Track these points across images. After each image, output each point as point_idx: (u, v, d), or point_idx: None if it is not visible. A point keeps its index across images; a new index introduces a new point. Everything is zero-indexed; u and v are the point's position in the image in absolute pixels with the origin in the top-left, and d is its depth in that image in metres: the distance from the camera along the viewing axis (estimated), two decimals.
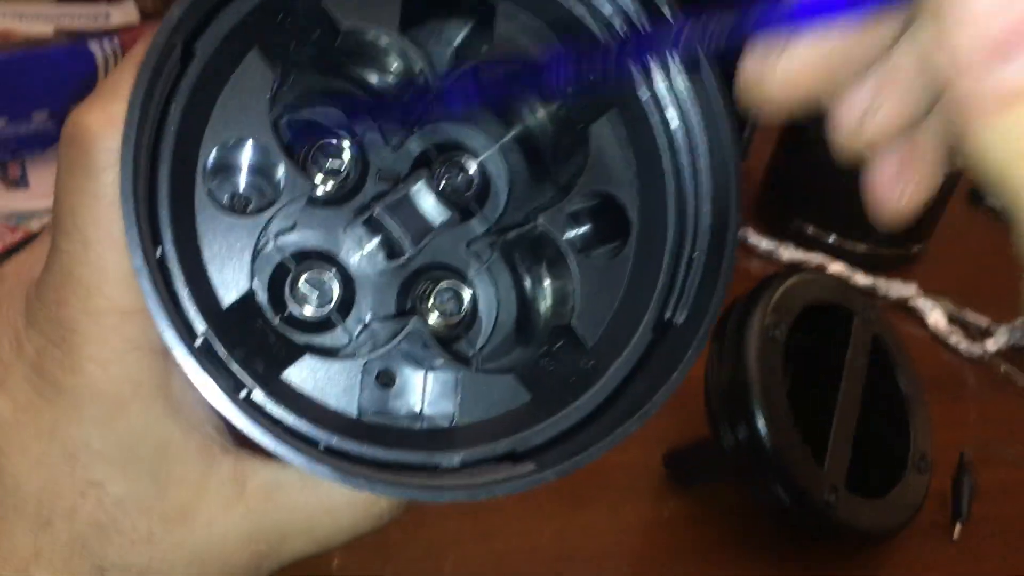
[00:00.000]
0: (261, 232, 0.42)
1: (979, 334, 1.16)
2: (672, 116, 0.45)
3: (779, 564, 0.88)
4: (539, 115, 0.48)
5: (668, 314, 0.44)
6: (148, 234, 0.38)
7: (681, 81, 0.45)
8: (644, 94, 0.45)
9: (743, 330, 0.83)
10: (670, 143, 0.45)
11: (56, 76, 1.04)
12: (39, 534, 0.42)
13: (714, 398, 0.83)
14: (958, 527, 0.93)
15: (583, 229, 0.48)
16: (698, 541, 0.88)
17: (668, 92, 0.45)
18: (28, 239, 0.99)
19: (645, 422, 0.41)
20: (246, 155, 0.44)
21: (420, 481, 0.40)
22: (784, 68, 0.32)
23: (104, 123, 0.38)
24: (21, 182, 1.08)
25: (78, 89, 0.41)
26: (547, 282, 0.49)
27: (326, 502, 0.44)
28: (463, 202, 0.48)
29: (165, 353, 0.41)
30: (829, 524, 0.81)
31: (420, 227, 0.45)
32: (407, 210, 0.45)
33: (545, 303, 0.49)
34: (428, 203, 0.45)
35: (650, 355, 0.44)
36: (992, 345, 1.14)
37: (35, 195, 1.05)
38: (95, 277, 0.40)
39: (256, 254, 0.43)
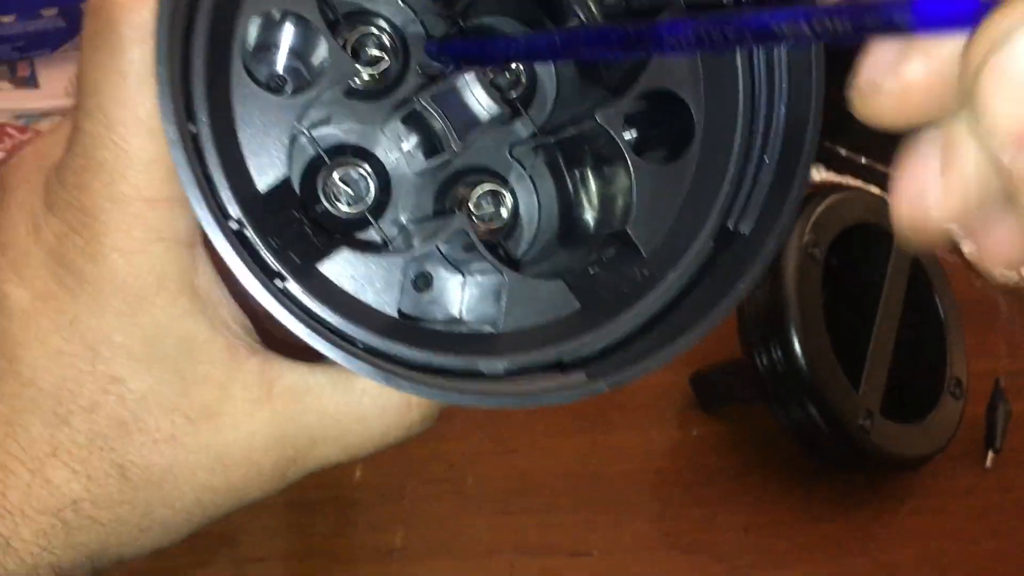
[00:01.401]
0: (301, 116, 0.39)
1: None
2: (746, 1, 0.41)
3: (807, 489, 0.86)
4: (593, 9, 0.45)
5: (732, 223, 0.42)
6: (182, 105, 0.35)
7: None
8: None
9: (781, 248, 0.80)
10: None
11: None
12: (57, 430, 0.40)
13: (749, 317, 0.81)
14: (991, 455, 0.91)
15: (641, 130, 0.45)
16: (725, 464, 0.87)
17: None
18: None
19: (708, 334, 0.39)
20: (287, 31, 0.41)
21: (464, 385, 0.38)
22: (904, 79, 0.27)
23: None
24: (30, 81, 1.05)
25: None
26: (593, 187, 0.46)
27: (356, 409, 0.42)
28: (508, 102, 0.45)
29: (191, 246, 0.39)
30: (863, 449, 0.79)
31: (467, 121, 0.42)
32: (454, 102, 0.42)
33: (591, 210, 0.46)
34: (477, 96, 0.42)
35: (711, 266, 0.42)
36: None
37: (45, 95, 1.03)
38: (119, 161, 0.37)
39: (293, 141, 0.40)
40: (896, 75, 0.27)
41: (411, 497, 0.78)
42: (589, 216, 0.46)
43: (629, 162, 0.42)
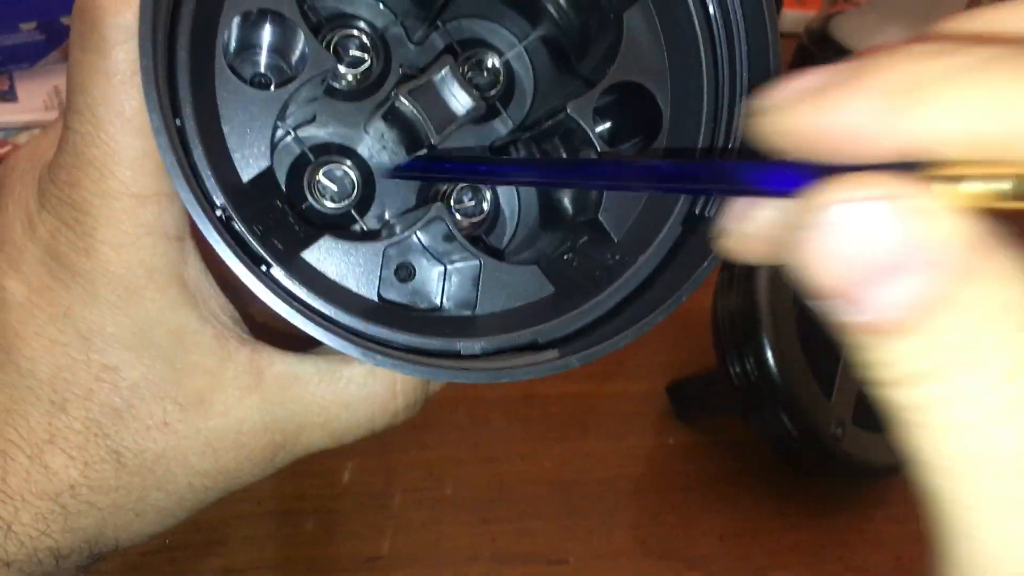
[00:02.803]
0: (282, 109, 0.41)
1: None
2: (710, 2, 0.43)
3: (782, 497, 0.87)
4: (563, 3, 0.47)
5: (698, 208, 0.43)
6: (167, 96, 0.36)
7: None
8: None
9: None
10: (708, 31, 0.43)
11: None
12: (54, 417, 0.41)
13: (723, 327, 0.82)
14: None
15: (614, 121, 0.47)
16: (701, 472, 0.88)
17: None
18: None
19: (669, 315, 0.40)
20: (267, 30, 0.43)
21: (441, 363, 0.39)
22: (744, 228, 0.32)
23: None
24: (9, 95, 1.05)
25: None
26: None
27: (343, 396, 0.44)
28: (488, 101, 0.47)
29: (180, 240, 0.41)
30: (835, 457, 0.80)
31: (444, 115, 0.43)
32: (431, 96, 0.43)
33: (567, 198, 0.48)
34: (453, 90, 0.43)
35: (679, 249, 0.43)
36: None
37: (24, 109, 1.03)
38: (107, 159, 0.38)
39: (275, 135, 0.42)
40: (739, 224, 0.31)
41: (392, 505, 0.78)
42: (567, 203, 0.48)
43: (598, 150, 0.44)
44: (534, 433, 0.87)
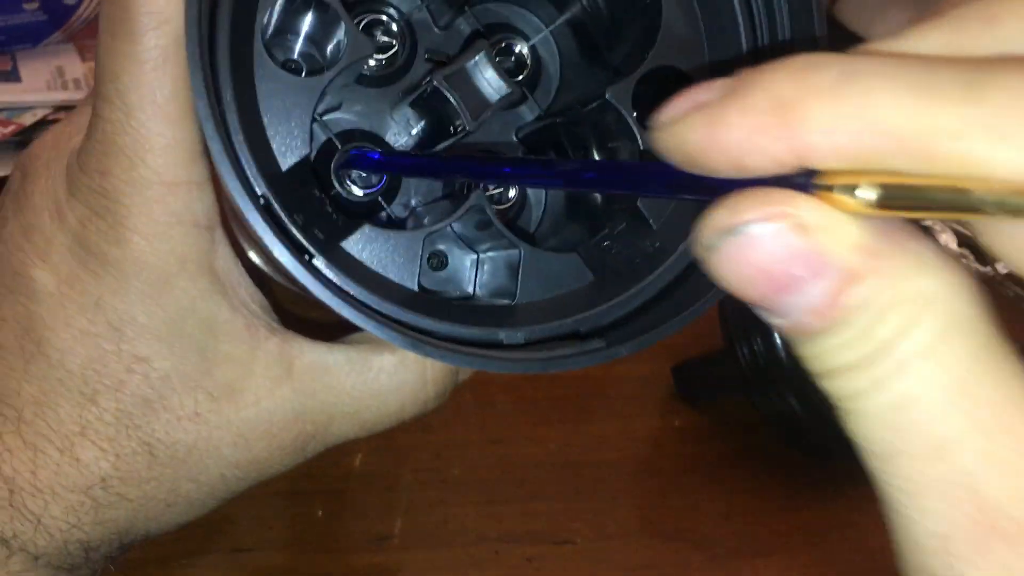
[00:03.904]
0: (321, 96, 0.40)
1: (989, 256, 1.14)
2: None
3: (787, 478, 0.87)
4: None
5: None
6: (212, 84, 0.36)
7: None
8: None
9: None
10: (748, 15, 0.42)
11: None
12: (85, 409, 0.41)
13: (730, 308, 0.82)
14: None
15: (645, 108, 0.45)
16: (706, 454, 0.88)
17: None
18: (20, 133, 0.97)
19: (717, 301, 0.40)
20: (305, 15, 0.42)
21: (488, 353, 0.39)
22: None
23: None
24: (12, 75, 1.05)
25: None
26: None
27: (373, 386, 0.43)
28: (516, 84, 0.47)
29: (210, 229, 0.41)
30: (842, 438, 0.80)
31: (478, 101, 0.43)
32: (464, 82, 0.43)
33: None
34: (487, 76, 0.43)
35: None
36: (1002, 268, 1.13)
37: (27, 89, 1.03)
38: (138, 147, 0.38)
39: (313, 120, 0.41)
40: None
41: (400, 486, 0.78)
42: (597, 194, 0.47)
43: (638, 137, 0.43)
44: (540, 415, 0.87)
